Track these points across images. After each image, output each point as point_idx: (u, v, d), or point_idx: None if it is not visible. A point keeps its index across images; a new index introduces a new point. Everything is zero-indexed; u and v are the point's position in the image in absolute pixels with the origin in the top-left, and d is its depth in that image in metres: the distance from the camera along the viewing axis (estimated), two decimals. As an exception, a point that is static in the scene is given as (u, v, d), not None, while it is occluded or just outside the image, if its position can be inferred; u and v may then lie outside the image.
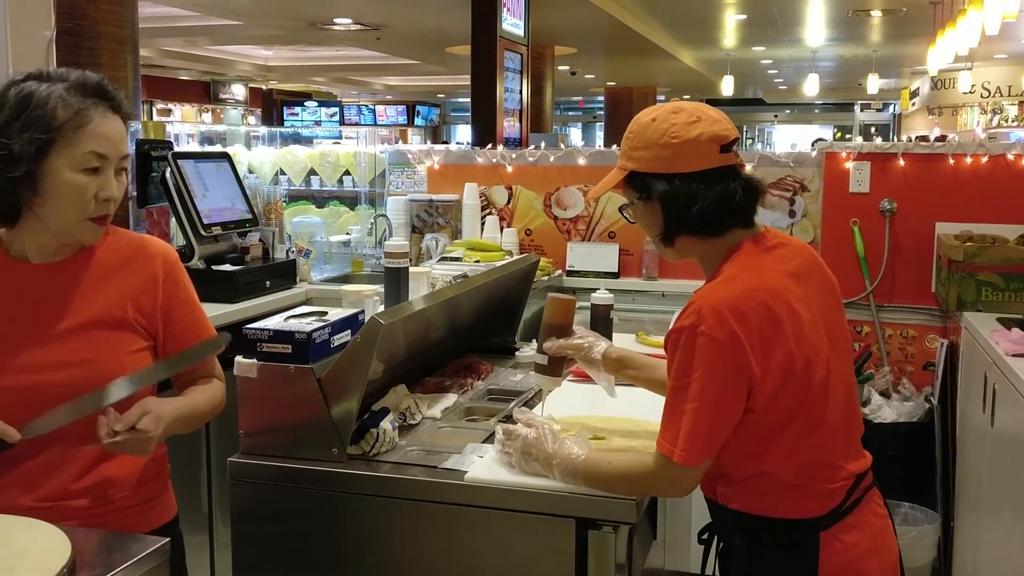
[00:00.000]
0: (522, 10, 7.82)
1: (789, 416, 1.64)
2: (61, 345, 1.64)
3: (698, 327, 1.59)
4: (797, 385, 1.62)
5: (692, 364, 1.60)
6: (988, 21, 6.89)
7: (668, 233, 1.74)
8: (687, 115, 1.70)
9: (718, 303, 1.60)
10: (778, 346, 1.60)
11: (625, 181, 1.76)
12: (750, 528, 1.71)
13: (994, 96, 15.39)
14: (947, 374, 3.71)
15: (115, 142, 1.63)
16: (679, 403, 1.62)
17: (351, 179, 4.82)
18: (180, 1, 9.66)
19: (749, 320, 1.58)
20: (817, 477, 1.68)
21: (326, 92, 21.77)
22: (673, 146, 1.68)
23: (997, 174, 3.85)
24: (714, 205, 1.68)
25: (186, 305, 1.83)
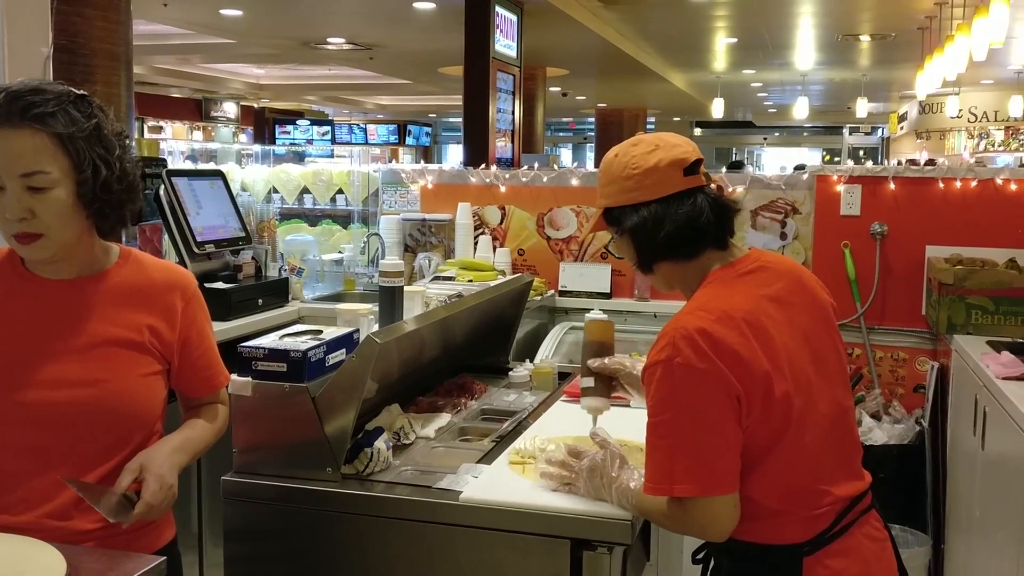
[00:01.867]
0: (515, 32, 7.87)
1: (770, 441, 1.62)
2: (75, 363, 1.61)
3: (674, 359, 1.57)
4: (777, 410, 1.61)
5: (674, 395, 1.58)
6: (976, 47, 6.97)
7: (644, 261, 1.77)
8: (645, 145, 1.75)
9: (690, 331, 1.58)
10: (755, 369, 1.59)
11: (603, 218, 1.81)
12: (735, 552, 1.71)
13: (981, 121, 15.53)
14: (938, 396, 3.73)
15: (3, 159, 1.50)
16: (664, 438, 1.59)
17: (344, 198, 4.83)
18: (174, 19, 9.69)
19: (723, 344, 1.57)
20: (801, 503, 1.65)
21: (317, 111, 21.82)
22: (635, 177, 1.72)
23: (986, 198, 3.88)
24: (681, 226, 1.69)
25: (201, 336, 1.80)
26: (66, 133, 1.54)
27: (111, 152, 1.60)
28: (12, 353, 1.61)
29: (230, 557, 2.03)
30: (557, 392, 2.72)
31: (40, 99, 1.53)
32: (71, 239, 1.60)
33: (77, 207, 1.57)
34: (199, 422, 1.81)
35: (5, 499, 1.59)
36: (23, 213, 1.53)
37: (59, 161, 1.54)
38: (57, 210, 1.55)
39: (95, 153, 1.57)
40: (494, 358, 3.14)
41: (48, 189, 1.53)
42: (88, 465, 1.62)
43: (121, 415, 1.64)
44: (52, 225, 1.55)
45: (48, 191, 1.53)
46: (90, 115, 1.59)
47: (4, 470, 1.59)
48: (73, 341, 1.63)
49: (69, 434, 1.60)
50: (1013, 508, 2.53)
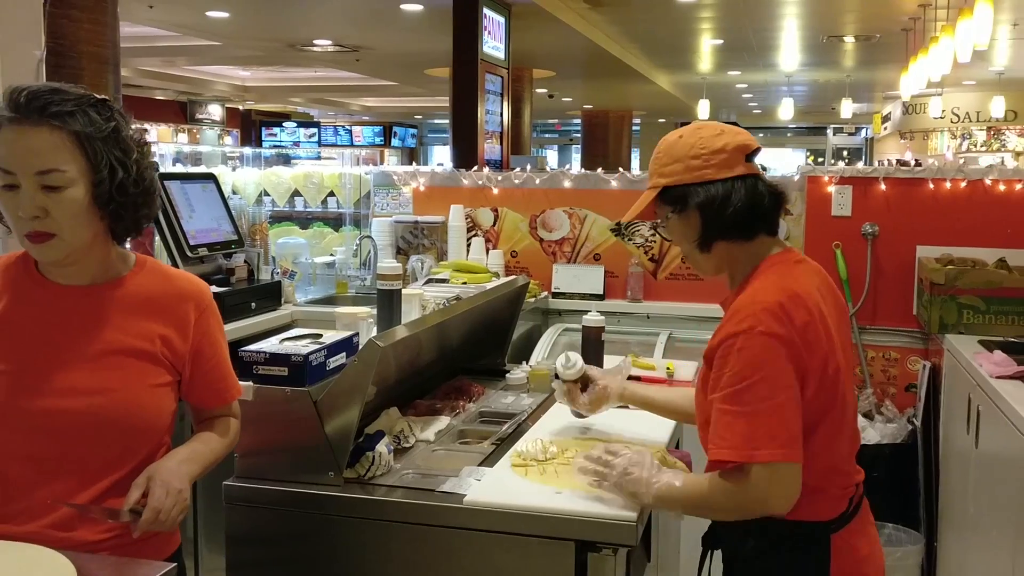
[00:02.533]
0: (503, 33, 7.88)
1: (819, 418, 1.70)
2: (83, 371, 1.59)
3: (756, 328, 1.65)
4: (829, 388, 1.70)
5: (757, 363, 1.64)
6: (960, 49, 7.02)
7: (706, 239, 1.81)
8: (711, 129, 1.83)
9: (770, 304, 1.67)
10: (818, 347, 1.68)
11: (659, 198, 1.84)
12: (765, 531, 1.74)
13: (963, 121, 15.66)
14: (929, 396, 3.75)
15: (20, 155, 1.49)
16: (748, 404, 1.63)
17: (335, 200, 4.81)
18: (160, 21, 9.64)
19: (795, 320, 1.67)
20: (834, 482, 1.75)
21: (303, 113, 21.75)
22: (702, 156, 1.79)
23: (976, 199, 3.91)
24: (746, 207, 1.77)
25: (214, 348, 1.76)
26: (84, 132, 1.52)
27: (128, 155, 1.58)
28: (21, 359, 1.59)
29: (232, 562, 2.02)
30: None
31: (59, 98, 1.52)
32: (84, 241, 1.58)
33: (92, 208, 1.56)
34: (210, 435, 1.77)
35: (9, 508, 1.57)
36: (36, 211, 1.51)
37: (76, 160, 1.52)
38: (71, 210, 1.53)
39: (112, 155, 1.56)
40: (490, 360, 3.14)
41: (63, 188, 1.51)
42: (93, 476, 1.59)
43: (128, 426, 1.61)
44: (65, 225, 1.54)
45: (63, 190, 1.52)
46: (109, 118, 1.57)
47: (8, 479, 1.57)
48: (83, 348, 1.61)
49: (74, 443, 1.58)
50: (1007, 505, 2.55)
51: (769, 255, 1.81)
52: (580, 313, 3.00)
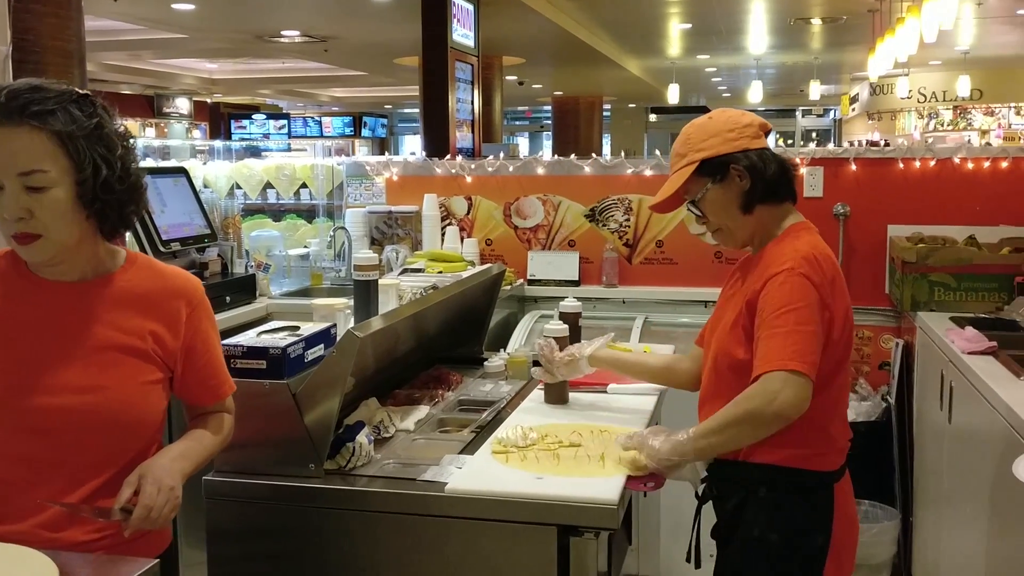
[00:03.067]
0: (472, 21, 7.84)
1: (835, 368, 1.90)
2: (73, 369, 1.57)
3: (797, 269, 1.86)
4: (844, 340, 1.92)
5: (796, 296, 1.84)
6: (926, 29, 7.07)
7: (749, 201, 1.97)
8: (735, 111, 2.05)
9: (806, 253, 1.89)
10: (841, 298, 1.91)
11: (695, 173, 1.99)
12: (780, 478, 1.90)
13: (930, 101, 15.80)
14: (903, 373, 3.79)
15: (3, 157, 1.47)
16: (786, 325, 1.82)
17: (308, 192, 4.78)
18: (125, 14, 9.51)
19: (825, 270, 1.89)
20: (842, 433, 1.97)
21: (272, 105, 21.56)
22: (737, 129, 1.99)
23: (944, 177, 3.95)
24: (780, 172, 1.99)
25: (206, 344, 1.73)
26: (65, 131, 1.49)
27: (112, 151, 1.55)
28: (10, 356, 1.57)
29: (214, 557, 2.01)
30: (533, 381, 2.73)
31: (39, 97, 1.49)
32: (71, 240, 1.56)
33: (77, 207, 1.53)
34: (203, 432, 1.75)
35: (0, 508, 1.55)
36: (21, 213, 1.49)
37: (58, 160, 1.50)
38: (56, 210, 1.51)
39: (96, 152, 1.52)
40: (467, 349, 3.14)
41: (46, 188, 1.49)
42: (84, 475, 1.57)
43: (118, 424, 1.59)
44: (51, 226, 1.51)
45: (46, 190, 1.49)
46: (91, 114, 1.54)
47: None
48: (72, 346, 1.59)
49: (64, 442, 1.55)
50: (980, 479, 2.59)
51: (798, 221, 2.01)
52: (556, 300, 3.01)
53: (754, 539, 1.93)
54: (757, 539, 1.93)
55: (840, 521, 1.93)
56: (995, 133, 15.38)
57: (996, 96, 15.43)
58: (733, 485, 1.98)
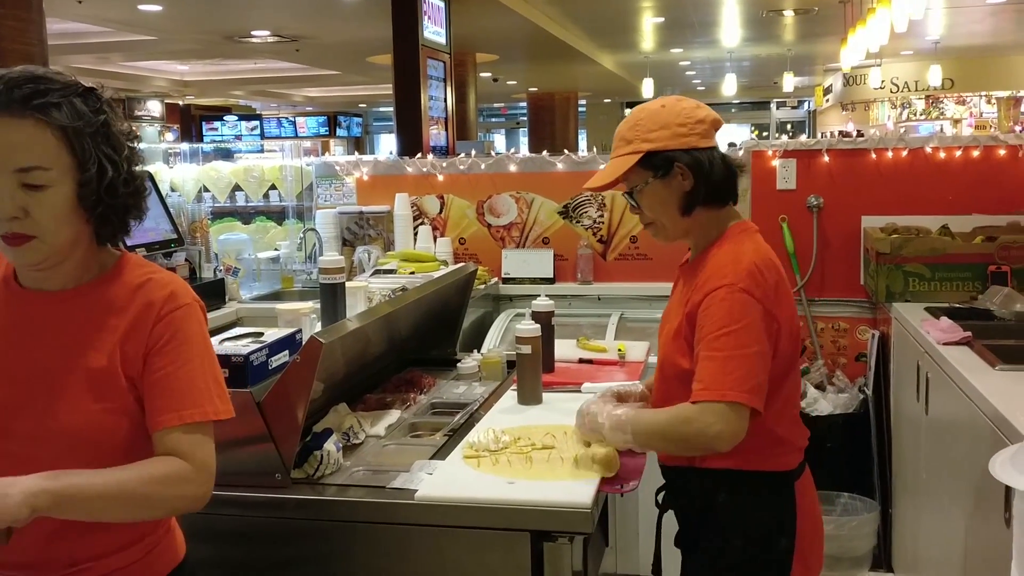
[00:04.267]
0: (443, 18, 7.79)
1: (784, 371, 1.84)
2: (40, 388, 1.44)
3: (737, 284, 1.77)
4: (792, 342, 1.86)
5: (736, 314, 1.76)
6: (896, 19, 7.09)
7: (689, 203, 1.88)
8: (690, 102, 1.93)
9: (748, 264, 1.80)
10: (784, 304, 1.84)
11: (638, 163, 1.88)
12: (737, 482, 1.84)
13: (903, 91, 15.89)
14: (879, 364, 3.79)
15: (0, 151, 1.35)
16: (725, 348, 1.74)
17: (278, 193, 4.72)
18: (90, 17, 9.39)
19: (768, 280, 1.81)
20: (795, 433, 1.91)
21: (245, 106, 21.40)
22: (689, 124, 1.88)
23: (917, 167, 3.95)
24: (725, 175, 1.90)
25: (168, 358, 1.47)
26: (71, 127, 1.38)
27: (119, 152, 1.44)
28: None
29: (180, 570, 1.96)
30: (507, 381, 2.70)
31: (44, 88, 1.37)
32: (65, 244, 1.43)
33: (76, 210, 1.41)
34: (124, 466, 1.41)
35: None
36: (15, 212, 1.37)
37: (61, 158, 1.38)
38: (54, 211, 1.39)
39: (101, 152, 1.41)
40: (441, 350, 3.11)
41: (45, 187, 1.37)
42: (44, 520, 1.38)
43: (75, 450, 1.43)
44: (47, 227, 1.39)
45: (45, 189, 1.37)
46: (98, 110, 1.43)
47: None
48: (39, 363, 1.46)
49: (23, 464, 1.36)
50: (958, 469, 2.57)
51: (735, 223, 1.93)
52: (531, 298, 2.97)
53: (717, 548, 1.87)
54: (720, 548, 1.86)
55: (804, 520, 1.88)
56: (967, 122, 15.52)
57: (967, 85, 15.54)
58: (691, 493, 1.91)
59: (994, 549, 2.19)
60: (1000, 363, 2.52)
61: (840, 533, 3.57)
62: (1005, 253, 3.42)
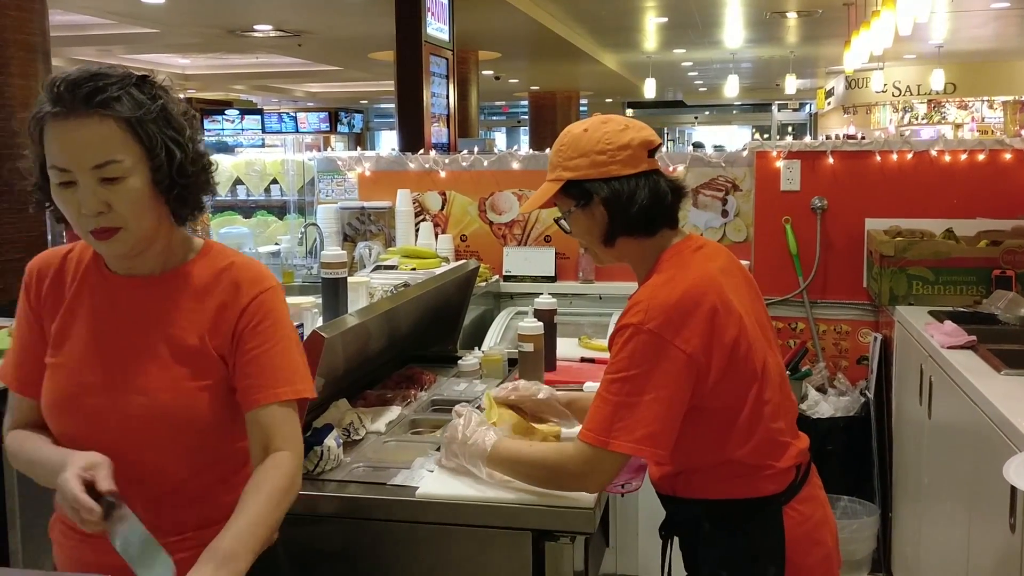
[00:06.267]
0: (446, 15, 7.77)
1: (739, 400, 1.72)
2: (136, 368, 1.51)
3: (645, 325, 1.65)
4: (742, 368, 1.71)
5: (636, 359, 1.65)
6: (901, 22, 7.08)
7: (610, 234, 1.79)
8: (616, 124, 1.80)
9: (664, 302, 1.67)
10: (723, 334, 1.68)
11: (561, 191, 1.80)
12: (716, 512, 1.77)
13: (905, 95, 15.88)
14: (881, 367, 3.77)
15: (72, 151, 1.40)
16: (618, 395, 1.65)
17: (279, 188, 4.70)
18: (93, 8, 9.37)
19: (693, 315, 1.66)
20: (772, 456, 1.76)
21: (246, 100, 21.36)
22: (608, 151, 1.76)
23: (922, 170, 3.93)
24: (650, 204, 1.77)
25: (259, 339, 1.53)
26: (135, 117, 1.42)
27: (182, 133, 1.48)
28: (78, 353, 1.52)
29: (177, 566, 1.94)
30: (508, 379, 2.67)
31: (103, 83, 1.42)
32: (150, 230, 1.49)
33: (154, 195, 1.47)
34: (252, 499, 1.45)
35: None
36: (100, 207, 1.42)
37: (131, 148, 1.43)
38: (134, 200, 1.44)
39: (166, 136, 1.46)
40: (441, 347, 3.09)
41: (123, 178, 1.42)
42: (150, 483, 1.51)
43: (178, 427, 1.50)
44: (131, 217, 1.44)
45: (123, 180, 1.42)
46: (155, 96, 1.47)
47: None
48: (135, 344, 1.52)
49: (125, 445, 1.48)
50: (960, 474, 2.56)
51: (669, 246, 1.81)
52: (532, 296, 2.96)
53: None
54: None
55: (798, 544, 1.76)
56: (968, 127, 15.50)
57: (969, 90, 15.53)
58: (681, 521, 1.85)
59: (997, 554, 2.17)
60: (1006, 368, 2.51)
61: (839, 536, 3.54)
62: (1010, 257, 3.41)
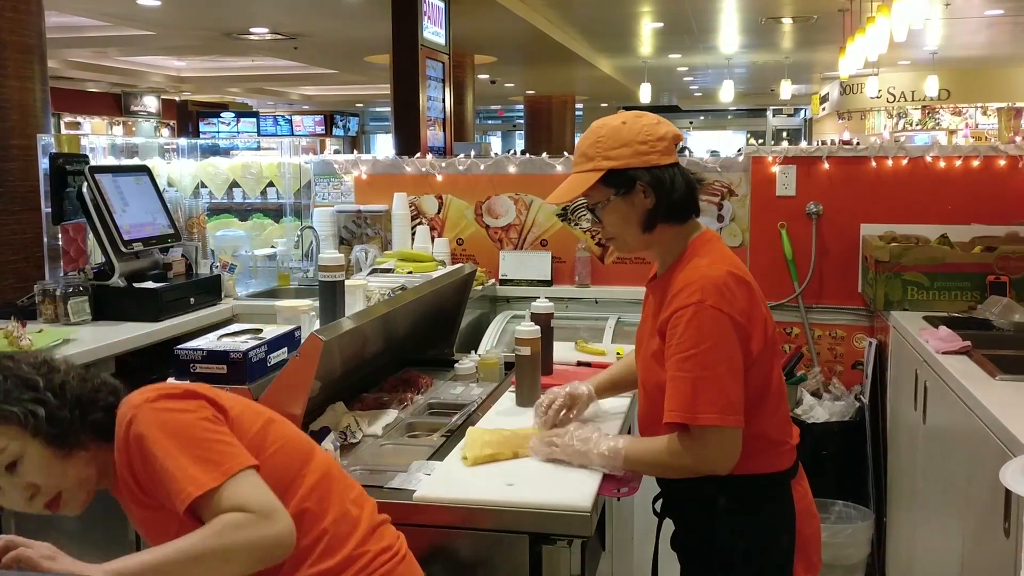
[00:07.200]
0: (443, 19, 7.78)
1: (768, 374, 1.86)
2: None
3: (705, 302, 1.78)
4: (772, 343, 1.88)
5: (705, 333, 1.77)
6: (896, 28, 7.11)
7: (651, 220, 1.89)
8: (650, 118, 1.92)
9: (717, 280, 1.80)
10: (760, 309, 1.85)
11: (599, 181, 1.89)
12: (736, 488, 1.85)
13: (899, 101, 15.94)
14: (876, 372, 3.78)
15: None
16: (693, 370, 1.76)
17: (275, 191, 4.70)
18: (88, 10, 9.35)
19: (738, 293, 1.81)
20: (787, 433, 1.93)
21: (241, 103, 21.36)
22: (650, 142, 1.88)
23: (917, 176, 3.94)
24: (688, 191, 1.90)
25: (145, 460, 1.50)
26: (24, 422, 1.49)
27: (35, 389, 1.51)
28: None
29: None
30: (505, 383, 2.68)
31: None
32: (86, 478, 1.55)
33: (54, 450, 1.51)
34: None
35: None
36: (25, 495, 1.50)
37: (7, 432, 1.48)
38: (43, 467, 1.49)
39: (23, 405, 1.49)
40: (438, 350, 3.09)
41: (18, 459, 1.48)
42: None
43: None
44: (54, 483, 1.51)
45: (20, 460, 1.49)
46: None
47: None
48: None
49: None
50: (955, 479, 2.57)
51: (698, 235, 1.94)
52: (528, 300, 2.96)
53: (721, 551, 1.89)
54: (724, 551, 1.89)
55: (802, 517, 1.91)
56: (962, 133, 15.56)
57: (963, 96, 15.60)
58: (691, 499, 1.93)
59: (992, 559, 2.18)
60: (1000, 373, 2.51)
61: (834, 541, 3.56)
62: (1004, 263, 3.42)
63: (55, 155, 3.66)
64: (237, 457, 1.48)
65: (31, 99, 4.37)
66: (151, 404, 1.51)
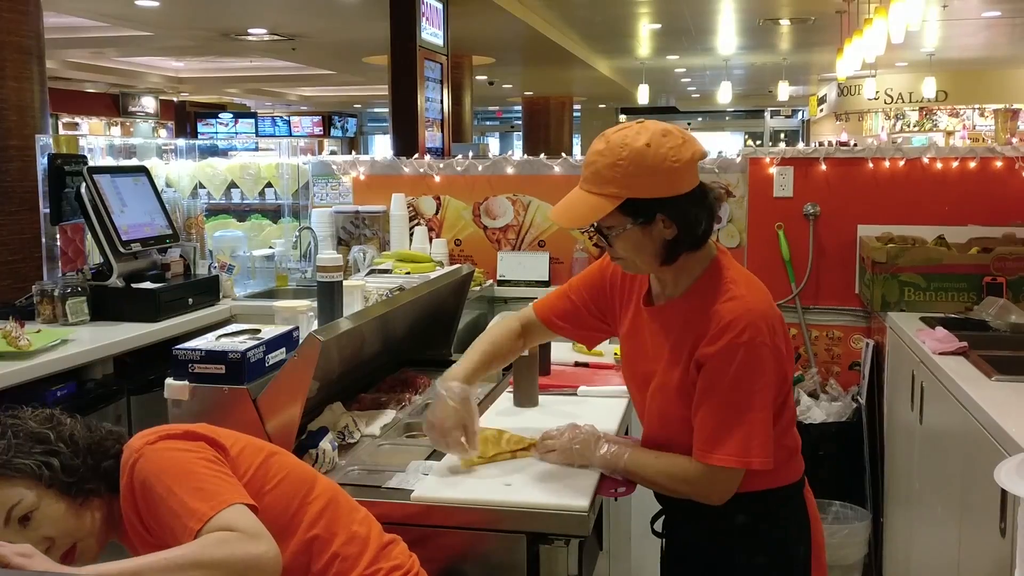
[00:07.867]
0: (441, 19, 7.78)
1: (788, 381, 1.82)
2: None
3: (757, 339, 1.70)
4: (790, 351, 1.86)
5: (755, 375, 1.71)
6: (893, 30, 7.12)
7: (673, 252, 1.76)
8: (675, 137, 1.72)
9: (764, 314, 1.74)
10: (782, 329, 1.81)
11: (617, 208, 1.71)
12: (755, 503, 1.81)
13: (896, 102, 15.94)
14: (873, 373, 3.79)
15: None
16: (741, 413, 1.71)
17: (273, 191, 4.70)
18: (86, 11, 9.35)
19: (777, 328, 1.77)
20: (797, 439, 1.90)
21: (239, 104, 21.35)
22: (675, 170, 1.70)
23: (914, 177, 3.95)
24: (709, 218, 1.77)
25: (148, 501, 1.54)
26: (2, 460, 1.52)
27: (47, 442, 1.55)
28: None
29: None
30: (503, 383, 2.69)
31: None
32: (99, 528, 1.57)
33: (69, 500, 1.54)
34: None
35: None
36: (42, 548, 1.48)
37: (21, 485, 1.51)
38: (58, 519, 1.52)
39: (35, 458, 1.53)
40: (436, 351, 3.09)
41: (33, 511, 1.51)
42: None
43: None
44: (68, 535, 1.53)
45: (34, 513, 1.51)
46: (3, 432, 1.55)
47: None
48: None
49: None
50: (951, 480, 2.57)
51: (714, 254, 1.83)
52: (526, 300, 2.97)
53: (740, 567, 1.84)
54: (744, 566, 1.83)
55: (814, 523, 1.91)
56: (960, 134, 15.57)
57: (961, 98, 15.60)
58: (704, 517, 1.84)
59: (988, 559, 2.19)
60: (996, 374, 2.52)
61: (831, 541, 3.56)
62: (1001, 264, 3.43)
63: (53, 156, 3.67)
64: (235, 493, 1.52)
65: (29, 100, 4.38)
66: (152, 447, 1.56)
